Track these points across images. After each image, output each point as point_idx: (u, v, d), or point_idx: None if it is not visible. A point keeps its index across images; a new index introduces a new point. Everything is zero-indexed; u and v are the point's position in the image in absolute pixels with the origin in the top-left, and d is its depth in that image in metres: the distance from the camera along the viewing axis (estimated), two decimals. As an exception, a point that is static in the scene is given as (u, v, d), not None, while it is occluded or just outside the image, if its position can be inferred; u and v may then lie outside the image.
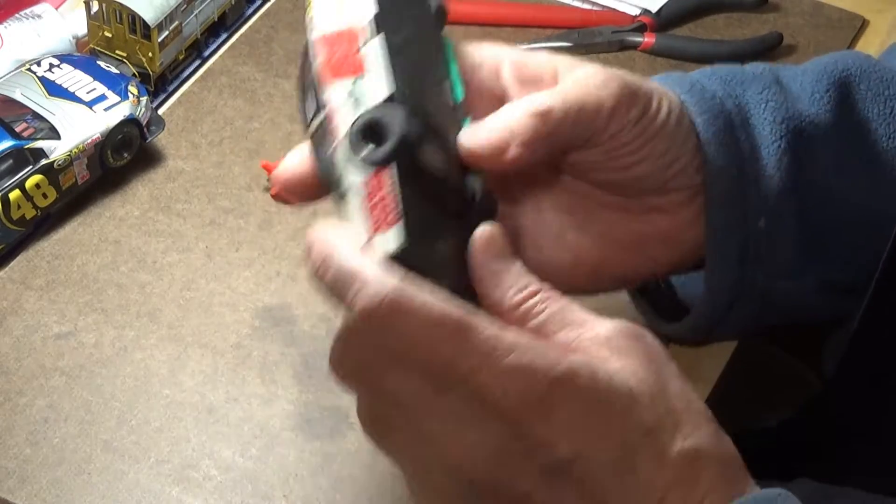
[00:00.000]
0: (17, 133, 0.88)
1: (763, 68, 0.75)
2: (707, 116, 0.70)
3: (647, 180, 0.69)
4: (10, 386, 0.81)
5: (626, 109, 0.66)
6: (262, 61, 1.04)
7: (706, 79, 0.73)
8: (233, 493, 0.77)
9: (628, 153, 0.67)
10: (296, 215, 0.92)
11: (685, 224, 0.71)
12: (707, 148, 0.69)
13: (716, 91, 0.72)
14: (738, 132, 0.71)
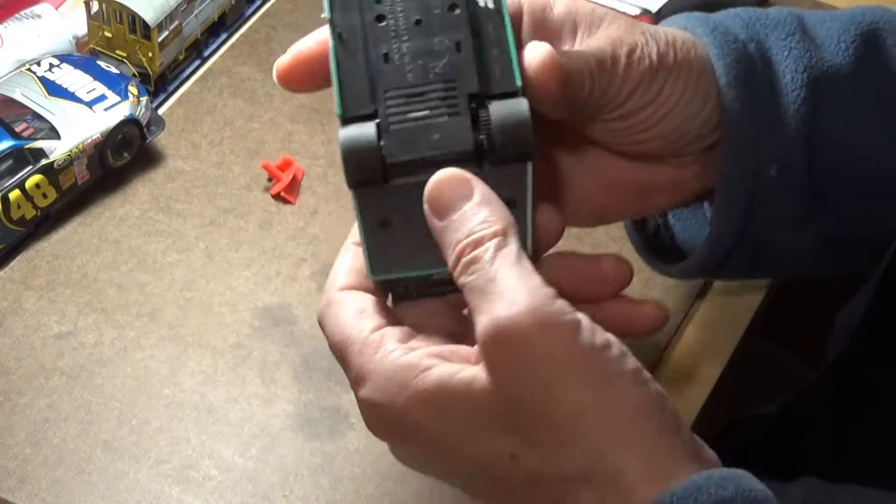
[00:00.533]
0: (17, 133, 0.88)
1: (787, 13, 0.74)
2: (728, 60, 0.69)
3: (659, 152, 0.69)
4: (10, 386, 0.81)
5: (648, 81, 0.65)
6: (262, 61, 1.04)
7: (729, 20, 0.72)
8: (233, 493, 0.77)
9: (640, 130, 0.67)
10: (296, 215, 0.92)
11: (692, 176, 0.71)
12: (725, 93, 0.68)
13: (738, 34, 0.71)
14: (759, 77, 0.70)
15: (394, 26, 0.61)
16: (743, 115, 0.69)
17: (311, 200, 0.94)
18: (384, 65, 0.60)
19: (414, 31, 0.61)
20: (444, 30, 0.61)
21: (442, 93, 0.59)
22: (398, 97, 0.59)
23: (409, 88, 0.59)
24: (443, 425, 0.55)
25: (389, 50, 0.60)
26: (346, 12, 0.64)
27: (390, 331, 0.59)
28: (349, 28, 0.64)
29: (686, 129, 0.69)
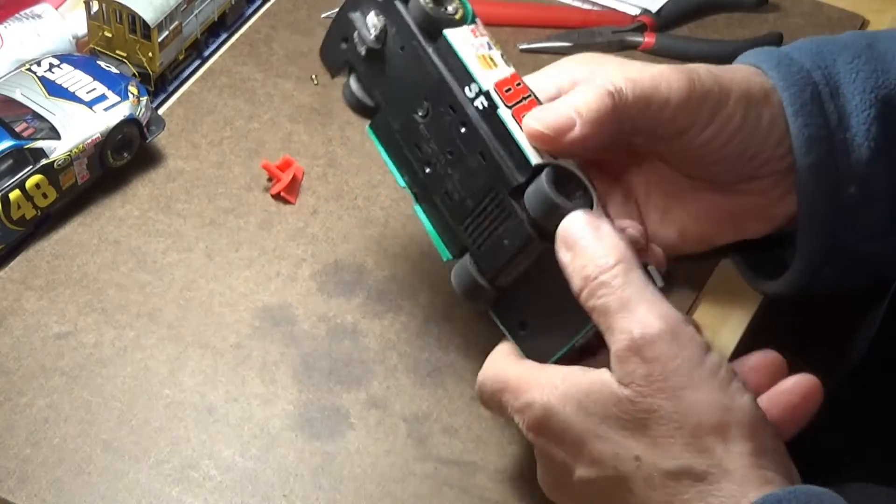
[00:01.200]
0: (17, 133, 0.88)
1: (855, 36, 0.77)
2: (794, 90, 0.73)
3: (729, 175, 0.74)
4: (10, 386, 0.81)
5: (696, 106, 0.71)
6: (262, 61, 1.04)
7: (796, 51, 0.76)
8: (233, 493, 0.77)
9: (708, 153, 0.72)
10: (296, 215, 0.92)
11: (776, 200, 0.75)
12: (794, 121, 0.72)
13: (804, 63, 0.74)
14: (827, 103, 0.73)
15: (437, 168, 0.71)
16: (811, 142, 0.72)
17: (311, 200, 0.94)
18: (449, 204, 0.70)
19: (452, 163, 0.70)
20: (468, 148, 0.69)
21: (493, 206, 0.68)
22: (471, 226, 0.69)
23: (473, 215, 0.69)
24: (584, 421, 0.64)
25: (447, 190, 0.70)
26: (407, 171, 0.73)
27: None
28: (417, 184, 0.73)
29: (757, 151, 0.72)
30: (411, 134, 0.71)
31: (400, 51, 0.71)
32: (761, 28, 1.10)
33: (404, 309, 0.87)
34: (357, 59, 0.73)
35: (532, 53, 1.07)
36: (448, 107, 0.70)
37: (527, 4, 1.10)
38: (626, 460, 0.63)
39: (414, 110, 0.71)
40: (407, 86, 0.71)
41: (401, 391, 0.82)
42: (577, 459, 0.65)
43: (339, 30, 0.74)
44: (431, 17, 0.71)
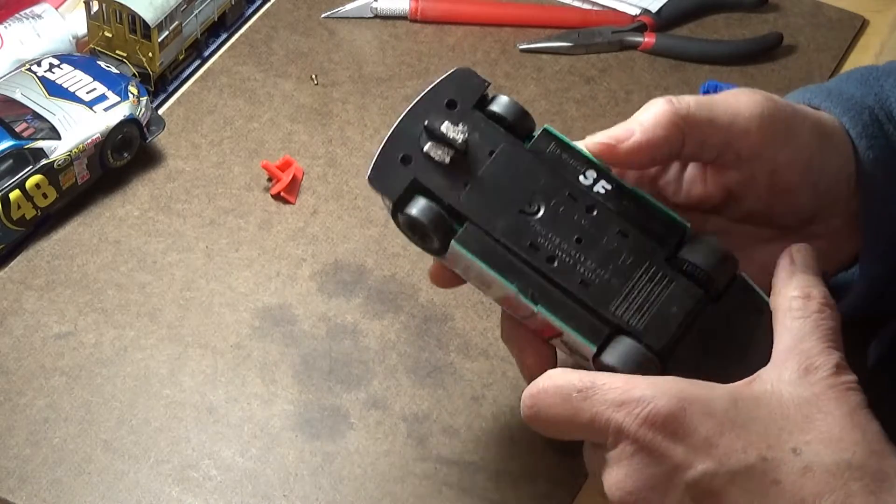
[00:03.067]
0: (17, 133, 0.88)
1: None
2: (852, 114, 0.73)
3: (799, 211, 0.73)
4: (10, 386, 0.81)
5: (769, 123, 0.69)
6: (262, 61, 1.04)
7: (842, 84, 0.76)
8: (233, 493, 0.77)
9: (781, 181, 0.71)
10: (296, 215, 0.92)
11: (843, 243, 0.75)
12: (858, 142, 0.72)
13: (853, 92, 0.74)
14: (885, 125, 0.73)
15: (565, 259, 0.67)
16: (877, 165, 0.72)
17: (311, 200, 0.94)
18: (589, 290, 0.67)
19: (584, 249, 0.67)
20: (601, 232, 0.67)
21: (647, 276, 0.67)
22: (624, 305, 0.66)
23: (624, 294, 0.67)
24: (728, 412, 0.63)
25: (584, 278, 0.67)
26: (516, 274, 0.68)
27: None
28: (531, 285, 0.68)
29: (830, 184, 0.72)
30: (522, 234, 0.67)
31: (488, 156, 0.68)
32: (761, 28, 1.10)
33: (404, 309, 0.87)
34: (430, 173, 0.68)
35: (532, 53, 1.07)
36: (568, 196, 0.68)
37: (527, 4, 1.10)
38: (781, 450, 0.62)
39: (520, 210, 0.68)
40: (506, 189, 0.68)
41: (401, 391, 0.82)
42: (704, 453, 0.62)
43: (397, 149, 0.68)
44: (525, 112, 0.70)
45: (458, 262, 0.68)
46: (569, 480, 0.78)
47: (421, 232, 0.68)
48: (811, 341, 0.65)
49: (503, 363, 0.84)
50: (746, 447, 0.62)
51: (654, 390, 0.63)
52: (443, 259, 0.69)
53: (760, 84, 1.04)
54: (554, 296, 0.67)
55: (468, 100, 0.69)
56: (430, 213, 0.67)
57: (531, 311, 0.67)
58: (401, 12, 1.08)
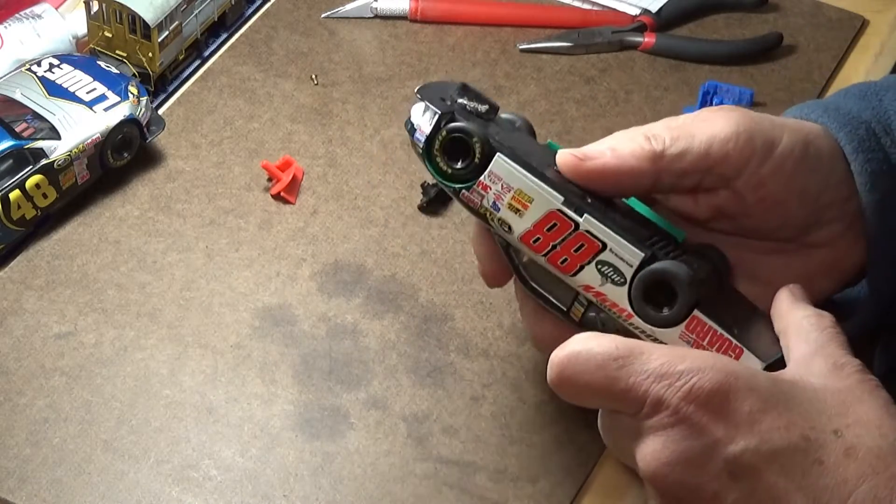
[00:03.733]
0: (17, 133, 0.88)
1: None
2: (848, 129, 0.72)
3: (796, 221, 0.73)
4: (10, 386, 0.81)
5: (745, 140, 0.69)
6: (262, 61, 1.04)
7: (840, 99, 0.76)
8: (233, 493, 0.77)
9: (771, 193, 0.71)
10: (296, 215, 0.92)
11: (847, 250, 0.74)
12: (854, 158, 0.72)
13: (851, 107, 0.74)
14: (883, 139, 0.73)
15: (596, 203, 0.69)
16: (875, 178, 0.72)
17: (311, 200, 0.94)
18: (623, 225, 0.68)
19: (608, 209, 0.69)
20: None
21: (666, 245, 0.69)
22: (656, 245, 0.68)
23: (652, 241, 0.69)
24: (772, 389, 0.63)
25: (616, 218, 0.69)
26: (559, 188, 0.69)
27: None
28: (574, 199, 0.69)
29: (821, 189, 0.72)
30: (555, 175, 0.69)
31: (510, 131, 0.72)
32: (761, 28, 1.10)
33: (404, 309, 0.87)
34: (464, 116, 0.70)
35: (532, 53, 1.07)
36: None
37: (527, 4, 1.10)
38: (823, 431, 0.62)
39: (548, 163, 0.70)
40: (532, 150, 0.71)
41: (401, 391, 0.82)
42: (746, 430, 0.62)
43: (435, 91, 0.71)
44: (531, 125, 0.74)
45: (496, 181, 0.69)
46: (569, 480, 0.78)
47: (466, 144, 0.69)
48: (832, 347, 0.65)
49: (503, 363, 0.84)
50: (789, 425, 0.62)
51: (698, 364, 0.62)
52: (472, 190, 0.70)
53: (760, 84, 1.05)
54: (597, 211, 0.68)
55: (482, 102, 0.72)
56: (479, 126, 0.69)
57: (573, 227, 0.68)
58: (401, 12, 1.08)
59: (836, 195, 0.73)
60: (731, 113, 0.71)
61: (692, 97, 1.02)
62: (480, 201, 0.70)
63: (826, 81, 1.06)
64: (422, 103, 0.70)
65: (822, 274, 0.75)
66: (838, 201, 0.73)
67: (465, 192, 0.70)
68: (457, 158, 0.69)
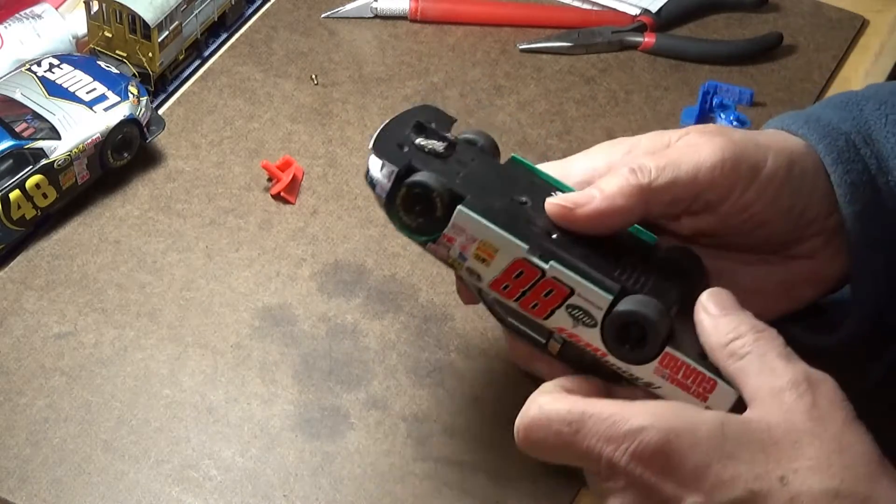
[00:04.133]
0: (17, 133, 0.88)
1: (879, 86, 0.77)
2: (827, 141, 0.72)
3: (779, 236, 0.73)
4: (10, 386, 0.81)
5: (731, 168, 0.69)
6: (262, 61, 1.04)
7: (821, 109, 0.76)
8: (233, 493, 0.77)
9: (756, 213, 0.71)
10: (296, 215, 0.92)
11: (828, 261, 0.74)
12: (833, 170, 0.72)
13: (831, 118, 0.74)
14: (862, 149, 0.73)
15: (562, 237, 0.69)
16: (855, 189, 0.72)
17: (311, 200, 0.94)
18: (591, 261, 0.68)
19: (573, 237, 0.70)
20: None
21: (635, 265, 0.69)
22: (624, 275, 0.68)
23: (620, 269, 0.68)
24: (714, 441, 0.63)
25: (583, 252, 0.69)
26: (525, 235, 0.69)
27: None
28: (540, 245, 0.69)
29: (804, 207, 0.72)
30: (517, 212, 0.69)
31: (471, 160, 0.71)
32: (761, 28, 1.10)
33: (404, 309, 0.87)
34: (423, 160, 0.70)
35: (532, 53, 1.07)
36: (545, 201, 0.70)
37: (527, 4, 1.10)
38: (769, 480, 0.62)
39: (512, 198, 0.70)
40: (494, 182, 0.71)
41: (401, 391, 0.82)
42: (692, 486, 0.62)
43: (392, 137, 0.70)
44: (494, 141, 0.74)
45: (460, 233, 0.68)
46: (569, 481, 0.78)
47: (426, 199, 0.68)
48: (767, 368, 0.64)
49: (503, 363, 0.84)
50: (734, 479, 0.62)
51: (640, 421, 0.63)
52: (438, 242, 0.69)
53: (760, 84, 1.05)
54: (563, 256, 0.68)
55: (442, 125, 0.72)
56: (437, 179, 0.68)
57: (540, 273, 0.67)
58: (401, 12, 1.08)
59: (819, 210, 0.73)
60: (716, 138, 0.70)
61: (692, 97, 1.02)
62: (447, 252, 0.69)
63: (826, 81, 1.06)
64: (378, 159, 0.70)
65: (803, 283, 0.75)
66: (821, 216, 0.73)
67: (431, 245, 0.70)
68: (419, 211, 0.69)
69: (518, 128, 1.00)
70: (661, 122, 1.02)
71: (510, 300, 0.69)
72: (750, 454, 0.62)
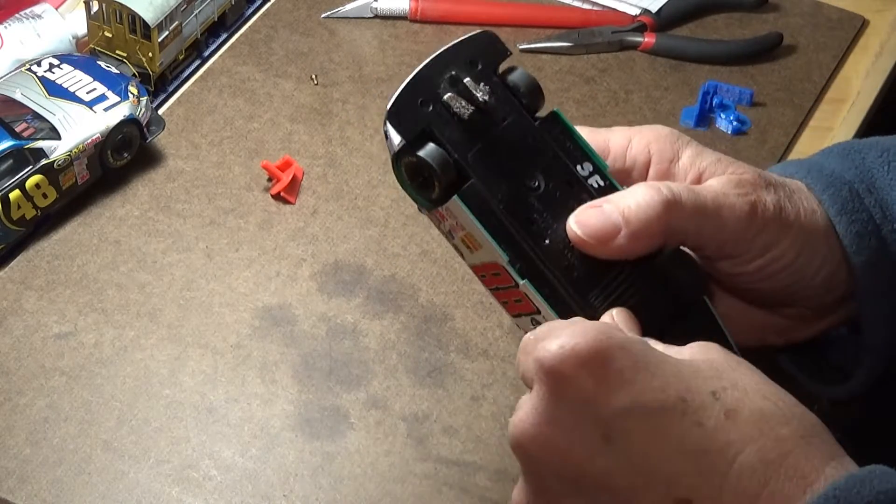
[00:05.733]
0: (17, 133, 0.88)
1: (881, 138, 0.76)
2: (832, 191, 0.71)
3: (766, 301, 0.72)
4: (10, 386, 0.81)
5: (751, 237, 0.67)
6: (262, 61, 1.04)
7: (823, 158, 0.74)
8: (233, 493, 0.77)
9: (751, 281, 0.69)
10: (296, 215, 0.92)
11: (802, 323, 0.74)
12: (838, 220, 0.71)
13: (834, 167, 0.73)
14: (866, 198, 0.72)
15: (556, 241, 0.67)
16: (861, 239, 0.71)
17: (311, 200, 0.94)
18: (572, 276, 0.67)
19: None
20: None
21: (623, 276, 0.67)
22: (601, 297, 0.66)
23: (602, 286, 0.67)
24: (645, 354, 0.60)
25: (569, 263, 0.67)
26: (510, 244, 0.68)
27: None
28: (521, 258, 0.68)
29: (801, 288, 0.71)
30: (521, 206, 0.67)
31: (501, 122, 0.68)
32: (761, 28, 1.10)
33: (404, 309, 0.87)
34: (444, 124, 0.67)
35: (532, 53, 1.07)
36: (566, 182, 0.68)
37: (527, 4, 1.10)
38: (700, 393, 0.58)
39: (524, 182, 0.68)
40: (512, 158, 0.68)
41: (401, 391, 0.82)
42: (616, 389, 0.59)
43: (418, 91, 0.67)
44: (540, 89, 0.69)
45: (452, 217, 0.68)
46: (569, 480, 0.78)
47: (425, 177, 0.67)
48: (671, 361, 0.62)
49: (503, 363, 0.84)
50: (664, 386, 0.58)
51: (573, 330, 0.60)
52: (432, 213, 0.68)
53: (760, 84, 1.05)
54: (541, 273, 0.67)
55: (490, 63, 0.69)
56: (441, 158, 0.66)
57: (514, 283, 0.67)
58: (401, 12, 1.08)
59: (815, 292, 0.71)
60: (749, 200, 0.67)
61: (692, 97, 1.02)
62: (439, 224, 0.69)
63: (826, 81, 1.06)
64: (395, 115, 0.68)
65: (776, 333, 0.75)
66: (818, 295, 0.72)
67: (425, 211, 0.69)
68: (421, 183, 0.68)
69: (518, 128, 1.00)
70: (660, 122, 1.00)
71: (486, 287, 0.69)
72: (676, 369, 0.59)
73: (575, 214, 0.66)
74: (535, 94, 0.69)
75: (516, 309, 0.68)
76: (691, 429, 0.58)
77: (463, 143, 0.67)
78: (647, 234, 0.64)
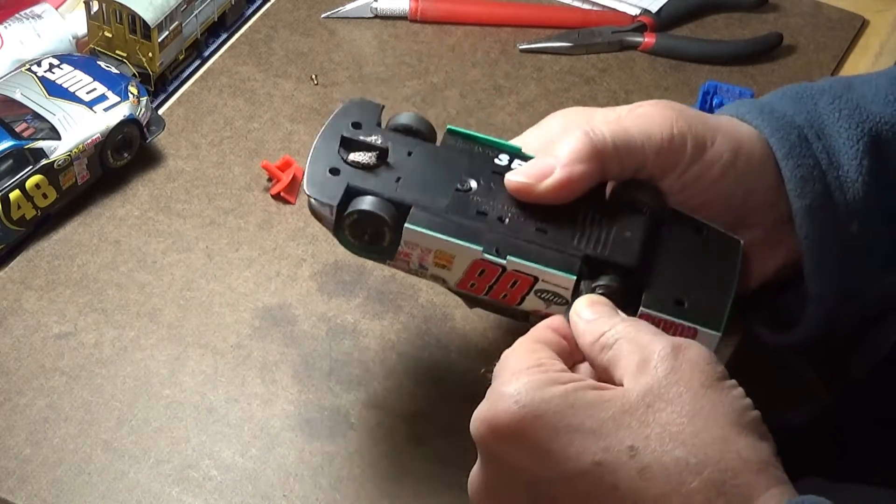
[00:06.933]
0: (17, 133, 0.88)
1: (833, 80, 0.78)
2: (780, 134, 0.73)
3: (720, 218, 0.73)
4: (10, 386, 0.81)
5: (678, 144, 0.70)
6: (262, 61, 1.04)
7: (777, 100, 0.76)
8: (233, 493, 0.77)
9: (699, 191, 0.71)
10: (296, 215, 0.92)
11: (765, 252, 0.74)
12: (785, 164, 0.72)
13: (786, 110, 0.74)
14: (814, 143, 0.73)
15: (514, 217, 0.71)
16: (805, 183, 0.72)
17: (311, 200, 0.94)
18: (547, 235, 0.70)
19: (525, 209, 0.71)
20: None
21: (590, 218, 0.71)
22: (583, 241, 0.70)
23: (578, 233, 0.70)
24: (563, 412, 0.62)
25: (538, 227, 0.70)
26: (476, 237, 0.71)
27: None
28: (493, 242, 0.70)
29: (748, 191, 0.72)
30: (466, 206, 0.70)
31: (407, 156, 0.72)
32: (761, 28, 1.10)
33: (404, 309, 0.87)
34: (360, 177, 0.72)
35: (532, 53, 1.07)
36: (493, 173, 0.72)
37: (527, 4, 1.10)
38: (616, 452, 0.61)
39: (457, 188, 0.71)
40: (435, 176, 0.72)
41: (401, 391, 0.82)
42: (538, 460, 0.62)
43: (323, 164, 0.72)
44: (428, 122, 0.75)
45: (414, 247, 0.70)
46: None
47: (373, 225, 0.70)
48: (636, 347, 0.63)
49: (503, 363, 0.84)
50: (581, 453, 0.61)
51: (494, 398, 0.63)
52: (394, 258, 0.71)
53: (760, 84, 1.05)
54: (519, 245, 0.69)
55: (370, 120, 0.74)
56: (377, 202, 0.70)
57: (500, 267, 0.69)
58: (401, 12, 1.08)
59: (762, 200, 0.73)
60: (668, 111, 0.71)
61: (692, 97, 1.02)
62: (408, 265, 0.72)
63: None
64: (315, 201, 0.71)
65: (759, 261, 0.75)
66: (764, 206, 0.73)
67: (390, 262, 0.72)
68: (370, 237, 0.71)
69: (518, 128, 1.00)
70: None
71: (480, 295, 0.71)
72: (597, 423, 0.61)
73: (509, 173, 0.70)
74: (425, 125, 0.74)
75: (518, 293, 0.70)
76: (608, 492, 0.61)
77: (385, 183, 0.71)
78: (578, 159, 0.68)
